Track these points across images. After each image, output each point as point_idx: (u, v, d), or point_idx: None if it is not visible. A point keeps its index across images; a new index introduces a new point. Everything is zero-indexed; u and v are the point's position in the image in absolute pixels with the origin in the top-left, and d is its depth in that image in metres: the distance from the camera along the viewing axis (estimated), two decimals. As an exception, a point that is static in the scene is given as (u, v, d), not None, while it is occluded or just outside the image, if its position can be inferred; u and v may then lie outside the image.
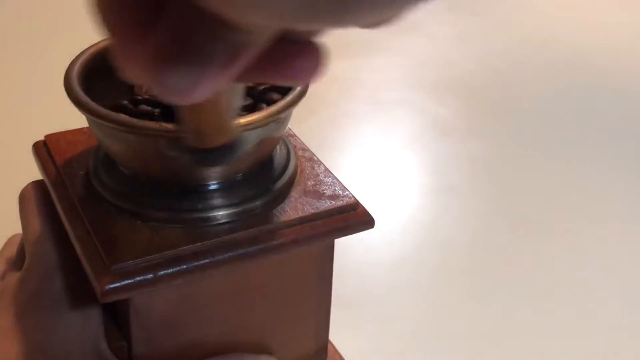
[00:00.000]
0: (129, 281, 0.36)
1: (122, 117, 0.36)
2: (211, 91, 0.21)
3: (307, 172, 0.43)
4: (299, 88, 0.40)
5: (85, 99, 0.37)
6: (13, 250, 0.48)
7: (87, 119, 0.38)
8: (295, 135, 0.46)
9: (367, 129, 0.83)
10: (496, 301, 0.62)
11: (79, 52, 0.41)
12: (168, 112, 0.39)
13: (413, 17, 0.38)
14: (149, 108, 0.40)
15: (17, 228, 0.48)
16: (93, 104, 0.37)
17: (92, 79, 0.40)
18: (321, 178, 0.43)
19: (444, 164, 0.80)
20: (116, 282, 0.36)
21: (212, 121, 0.27)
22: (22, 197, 0.45)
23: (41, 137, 0.46)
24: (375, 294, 0.50)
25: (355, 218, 0.41)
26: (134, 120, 0.36)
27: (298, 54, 0.22)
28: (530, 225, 0.71)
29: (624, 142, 0.86)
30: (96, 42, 0.42)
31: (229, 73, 0.20)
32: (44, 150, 0.44)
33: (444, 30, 1.10)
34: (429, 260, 0.65)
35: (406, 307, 0.60)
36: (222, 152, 0.28)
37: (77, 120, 0.45)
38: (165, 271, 0.37)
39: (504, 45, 1.07)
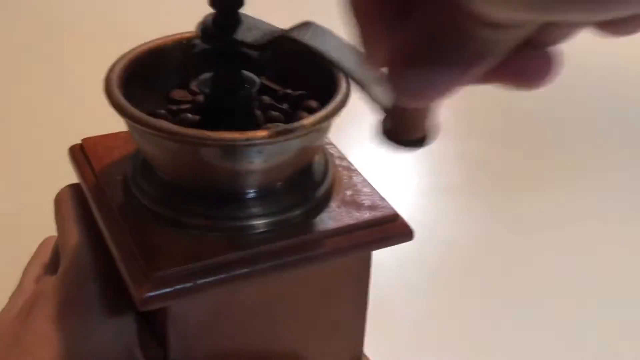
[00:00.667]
0: (168, 289, 0.35)
1: (164, 123, 0.36)
2: (443, 95, 0.21)
3: (345, 181, 0.43)
4: (339, 97, 0.39)
5: (126, 104, 0.37)
6: (47, 253, 0.47)
7: (128, 124, 0.38)
8: (333, 144, 0.46)
9: (367, 128, 0.82)
10: (496, 301, 0.62)
11: (114, 57, 0.41)
12: (208, 120, 0.39)
13: None
14: (189, 115, 0.40)
15: (51, 231, 0.48)
16: (135, 110, 0.36)
17: (131, 84, 0.40)
18: (359, 188, 0.42)
19: (444, 164, 0.80)
20: (155, 291, 0.35)
21: (418, 118, 0.27)
22: (58, 201, 0.45)
23: (76, 141, 0.45)
24: (375, 294, 0.49)
25: (394, 229, 0.41)
26: (177, 128, 0.36)
27: (538, 58, 0.22)
28: (530, 225, 0.71)
29: (625, 141, 0.86)
30: (135, 47, 0.41)
31: (465, 80, 0.21)
32: (80, 154, 0.44)
33: None
34: (429, 260, 0.65)
35: (406, 307, 0.60)
36: (410, 145, 0.29)
37: (112, 124, 0.45)
38: (204, 280, 0.36)
39: None
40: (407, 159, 0.79)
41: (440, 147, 0.82)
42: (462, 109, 0.89)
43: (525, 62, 0.22)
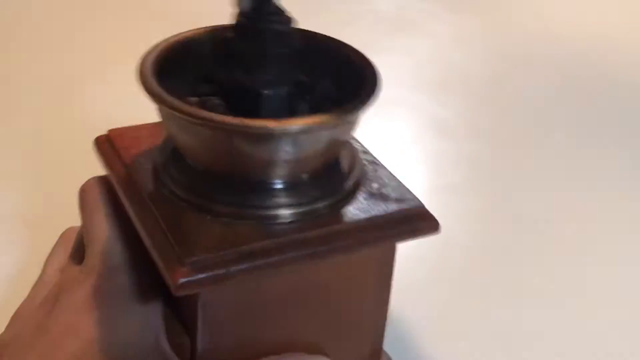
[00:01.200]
0: (203, 275, 0.36)
1: (200, 110, 0.36)
2: None
3: (371, 174, 0.43)
4: (370, 90, 0.40)
5: (162, 91, 0.37)
6: (69, 243, 0.47)
7: (162, 112, 0.38)
8: (356, 139, 0.46)
9: (367, 128, 0.83)
10: (496, 301, 0.62)
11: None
12: (238, 109, 0.39)
13: (413, 17, 0.39)
14: (219, 101, 0.40)
15: (71, 222, 0.48)
16: (170, 97, 0.37)
17: (162, 75, 0.40)
18: (386, 181, 0.43)
19: (444, 164, 0.80)
20: (190, 276, 0.35)
21: None
22: (83, 192, 0.45)
23: (94, 135, 0.46)
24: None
25: (421, 222, 0.41)
26: (212, 114, 0.36)
27: None
28: (530, 225, 0.71)
29: (625, 141, 0.86)
30: (166, 38, 0.42)
31: None
32: (107, 145, 0.44)
33: (444, 30, 1.10)
34: (428, 259, 0.65)
35: (405, 307, 0.60)
36: None
37: (131, 118, 0.46)
38: (237, 267, 0.36)
39: (504, 45, 1.07)
40: (407, 160, 0.80)
41: (440, 147, 0.83)
42: (462, 109, 0.90)
43: None
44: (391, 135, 0.83)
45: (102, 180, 0.45)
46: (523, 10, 1.20)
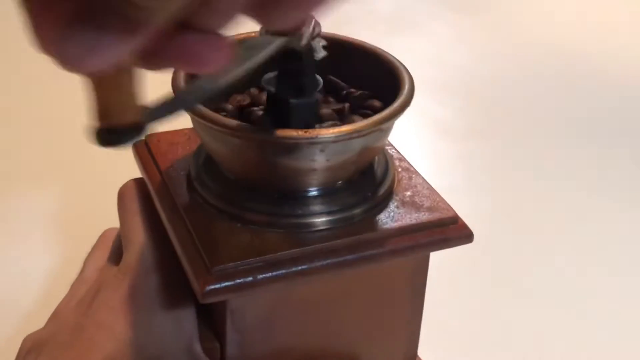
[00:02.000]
0: (229, 283, 0.36)
1: (230, 121, 0.36)
2: (107, 63, 0.21)
3: (404, 182, 0.43)
4: (403, 97, 0.39)
5: (193, 100, 0.37)
6: (108, 244, 0.48)
7: (194, 121, 0.39)
8: (392, 145, 0.46)
9: None
10: (496, 301, 0.61)
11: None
12: (272, 118, 0.39)
13: (413, 17, 0.38)
14: (255, 111, 0.40)
15: (111, 223, 0.49)
16: (202, 107, 0.37)
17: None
18: (419, 189, 0.42)
19: (444, 164, 0.80)
20: (217, 284, 0.36)
21: (116, 100, 0.25)
22: (122, 194, 0.46)
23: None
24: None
25: (454, 232, 0.41)
26: (241, 125, 0.36)
27: (200, 42, 0.22)
28: (530, 225, 0.70)
29: (625, 141, 0.85)
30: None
31: (126, 46, 0.21)
32: (145, 149, 0.45)
33: (444, 30, 1.09)
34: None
35: None
36: (123, 134, 0.25)
37: (173, 122, 0.46)
38: (264, 275, 0.37)
39: (503, 45, 1.06)
40: (407, 159, 0.79)
41: (440, 147, 0.82)
42: (462, 109, 0.89)
43: (189, 44, 0.22)
44: (391, 135, 0.82)
45: (140, 182, 0.46)
46: (523, 10, 1.18)
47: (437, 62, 0.99)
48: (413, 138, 0.84)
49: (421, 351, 0.47)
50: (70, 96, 0.85)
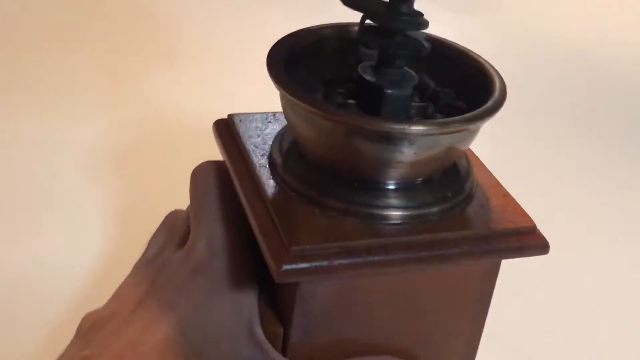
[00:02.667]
0: (306, 265, 0.36)
1: (323, 103, 0.37)
2: None
3: (484, 187, 0.43)
4: (494, 100, 0.39)
5: (287, 79, 0.38)
6: (174, 225, 0.48)
7: (285, 101, 0.39)
8: (473, 152, 0.46)
9: None
10: (496, 301, 0.60)
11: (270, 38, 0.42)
12: (364, 106, 0.39)
13: None
14: (351, 100, 0.40)
15: (162, 213, 0.50)
16: (295, 86, 0.37)
17: (290, 66, 0.40)
18: (498, 196, 0.42)
19: None
20: (293, 264, 0.36)
21: None
22: (195, 175, 0.46)
23: (216, 117, 0.47)
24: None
25: (531, 241, 0.40)
26: (335, 108, 0.36)
27: None
28: None
29: (625, 141, 0.85)
30: (297, 30, 0.42)
31: None
32: (226, 129, 0.45)
33: (444, 30, 1.07)
34: None
35: None
36: None
37: (252, 106, 0.47)
38: (340, 261, 0.37)
39: (504, 45, 1.05)
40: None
41: None
42: None
43: None
44: None
45: (215, 164, 0.46)
46: (523, 10, 1.17)
47: None
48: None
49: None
50: (128, 88, 0.88)
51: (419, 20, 0.37)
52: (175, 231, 0.47)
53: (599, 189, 0.76)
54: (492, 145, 0.82)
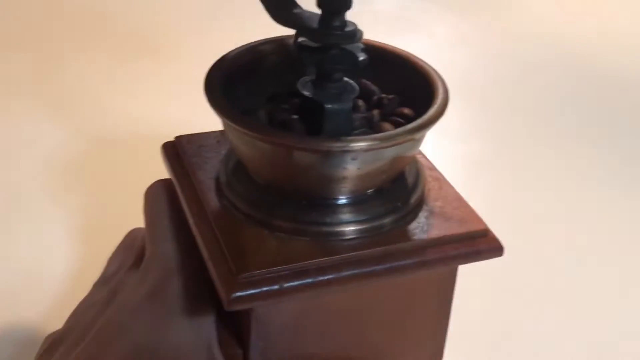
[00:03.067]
0: (255, 291, 0.35)
1: (261, 125, 0.36)
2: None
3: (434, 192, 0.42)
4: (437, 105, 0.39)
5: (225, 104, 0.37)
6: (132, 244, 0.48)
7: (224, 124, 0.38)
8: (423, 154, 0.45)
9: None
10: (496, 301, 0.61)
11: (215, 55, 0.41)
12: (306, 123, 0.39)
13: (413, 17, 0.38)
14: (289, 117, 0.40)
15: (135, 223, 0.49)
16: (233, 110, 0.37)
17: (230, 85, 0.40)
18: (449, 200, 0.42)
19: (444, 164, 0.78)
20: (243, 291, 0.35)
21: None
22: (149, 195, 0.46)
23: (171, 137, 0.46)
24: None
25: (484, 244, 0.40)
26: (272, 130, 0.36)
27: None
28: (530, 225, 0.70)
29: (625, 141, 0.84)
30: (236, 47, 0.42)
31: None
32: (173, 151, 0.45)
33: (444, 30, 1.08)
34: None
35: None
36: None
37: (205, 124, 0.46)
38: (291, 283, 0.36)
39: (504, 46, 1.05)
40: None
41: (440, 147, 0.81)
42: (462, 109, 0.88)
43: None
44: None
45: (167, 183, 0.46)
46: (523, 10, 1.17)
47: (437, 63, 0.98)
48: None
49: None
50: (92, 97, 0.87)
51: (351, 33, 0.37)
52: (133, 251, 0.47)
53: (600, 189, 0.76)
54: (491, 145, 0.82)
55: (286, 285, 0.36)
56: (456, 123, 0.86)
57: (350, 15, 0.38)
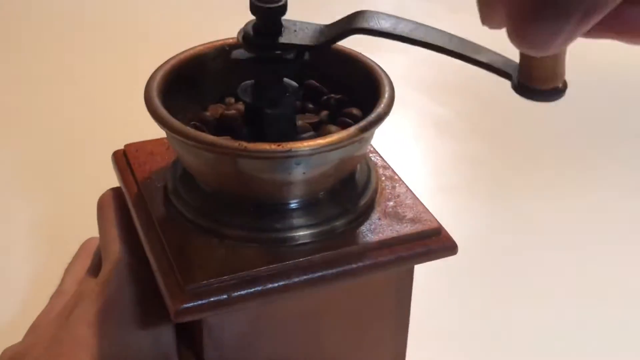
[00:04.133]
0: (203, 302, 0.35)
1: (202, 134, 0.35)
2: (565, 44, 0.24)
3: (387, 192, 0.42)
4: (382, 105, 0.38)
5: (165, 114, 0.36)
6: (89, 254, 0.47)
7: (167, 134, 0.37)
8: (377, 152, 0.45)
9: None
10: (496, 301, 0.61)
11: (158, 61, 0.41)
12: (248, 128, 0.38)
13: (413, 17, 0.37)
14: (230, 122, 0.39)
15: (93, 232, 0.48)
16: (173, 120, 0.36)
17: (171, 92, 0.39)
18: (402, 199, 0.41)
19: (444, 164, 0.79)
20: (190, 302, 0.35)
21: (549, 68, 0.30)
22: (101, 204, 0.45)
23: (121, 145, 0.45)
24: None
25: (437, 243, 0.39)
26: (214, 138, 0.35)
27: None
28: (530, 225, 0.70)
29: (625, 141, 0.84)
30: (176, 54, 0.41)
31: (584, 28, 0.24)
32: (123, 160, 0.44)
33: (444, 30, 1.07)
34: None
35: None
36: (547, 95, 0.32)
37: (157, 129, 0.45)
38: (239, 292, 0.36)
39: (503, 45, 1.04)
40: (406, 160, 0.78)
41: (440, 147, 0.81)
42: (462, 109, 0.88)
43: (634, 18, 0.25)
44: (391, 135, 0.82)
45: (119, 192, 0.45)
46: None
47: (437, 62, 0.98)
48: (413, 138, 0.83)
49: (425, 351, 0.47)
50: (54, 102, 0.86)
51: (282, 45, 0.36)
52: (89, 261, 0.47)
53: (601, 189, 0.76)
54: (491, 145, 0.82)
55: (235, 294, 0.35)
56: (456, 123, 0.85)
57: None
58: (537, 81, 0.31)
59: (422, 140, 0.83)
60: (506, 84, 0.36)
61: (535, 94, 0.32)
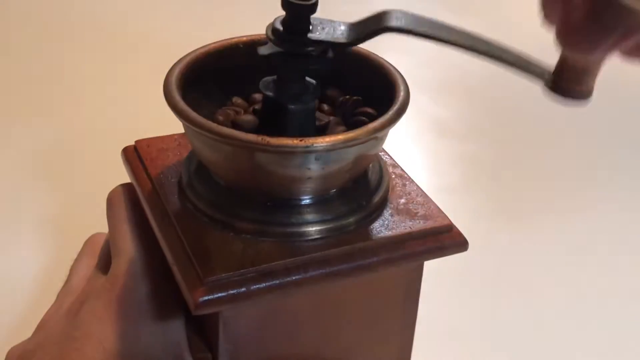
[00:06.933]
0: (222, 294, 0.35)
1: (222, 128, 0.36)
2: (604, 57, 0.29)
3: (398, 189, 0.42)
4: (398, 104, 0.39)
5: (185, 107, 0.37)
6: (95, 250, 0.47)
7: (185, 127, 0.38)
8: (386, 152, 0.46)
9: None
10: (495, 301, 0.62)
11: (173, 57, 0.41)
12: (268, 123, 0.39)
13: None
14: (250, 117, 0.40)
15: (98, 227, 0.48)
16: (193, 113, 0.36)
17: (190, 87, 0.40)
18: (413, 196, 0.42)
19: (444, 164, 0.80)
20: (210, 295, 0.35)
21: (585, 71, 0.33)
22: (110, 200, 0.45)
23: (128, 142, 0.46)
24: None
25: (449, 240, 0.40)
26: (234, 132, 0.36)
27: None
28: (530, 225, 0.70)
29: (625, 141, 0.85)
30: (194, 49, 0.41)
31: (622, 45, 0.28)
32: (134, 155, 0.44)
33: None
34: None
35: None
36: (578, 96, 0.35)
37: (166, 126, 0.45)
38: (257, 285, 0.36)
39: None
40: (406, 160, 0.79)
41: (440, 147, 0.82)
42: (462, 109, 0.89)
43: None
44: (391, 135, 0.82)
45: (129, 188, 0.45)
46: (523, 10, 1.18)
47: (437, 62, 0.99)
48: (413, 138, 0.84)
49: (425, 352, 0.47)
50: (61, 99, 0.85)
51: (308, 40, 0.36)
52: (96, 257, 0.46)
53: (602, 189, 0.77)
54: (491, 145, 0.82)
55: (253, 287, 0.36)
56: (456, 123, 0.86)
57: (350, 16, 0.37)
58: (573, 82, 0.34)
59: (423, 140, 0.84)
60: (506, 84, 0.37)
61: (570, 93, 0.34)
